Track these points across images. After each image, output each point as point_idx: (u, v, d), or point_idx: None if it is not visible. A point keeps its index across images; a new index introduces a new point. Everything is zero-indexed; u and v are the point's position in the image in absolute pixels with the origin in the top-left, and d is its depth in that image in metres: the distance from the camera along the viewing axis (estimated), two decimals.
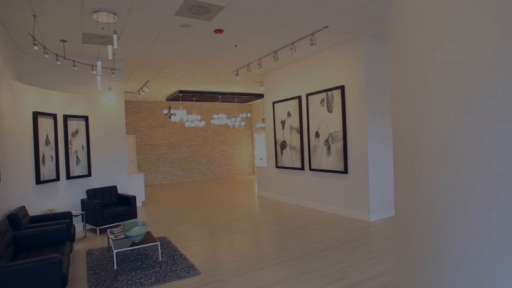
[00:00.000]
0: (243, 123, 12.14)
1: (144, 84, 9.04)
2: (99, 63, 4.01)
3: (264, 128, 12.61)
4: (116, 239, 3.91)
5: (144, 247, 4.17)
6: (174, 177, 12.76)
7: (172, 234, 5.31)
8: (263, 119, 12.81)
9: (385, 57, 5.90)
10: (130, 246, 3.64)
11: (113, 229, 4.40)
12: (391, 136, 6.18)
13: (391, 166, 5.95)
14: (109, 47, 3.91)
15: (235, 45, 5.86)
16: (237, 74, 7.81)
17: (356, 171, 5.81)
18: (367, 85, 5.61)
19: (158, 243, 3.81)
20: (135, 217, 5.87)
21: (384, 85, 5.87)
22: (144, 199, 8.15)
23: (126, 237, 3.76)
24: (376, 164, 5.70)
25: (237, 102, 13.64)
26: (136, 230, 3.68)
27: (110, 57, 3.92)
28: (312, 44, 5.34)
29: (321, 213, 6.30)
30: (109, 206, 5.83)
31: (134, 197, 5.88)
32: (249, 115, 13.32)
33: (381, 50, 5.84)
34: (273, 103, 8.02)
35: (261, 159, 14.11)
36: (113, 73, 5.81)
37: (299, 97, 7.11)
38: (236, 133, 14.32)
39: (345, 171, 5.97)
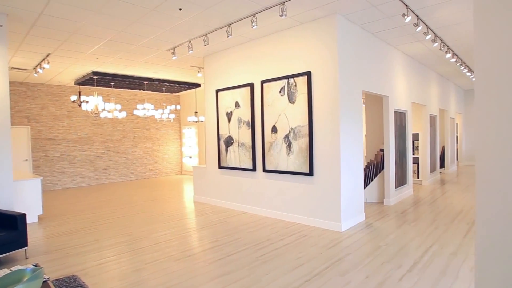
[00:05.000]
0: (172, 115, 10.47)
1: (44, 58, 6.79)
2: None
3: (196, 122, 11.16)
4: None
5: None
6: (85, 179, 10.40)
7: (86, 268, 3.66)
8: (196, 112, 11.34)
9: (361, 43, 5.18)
10: None
11: None
12: (362, 131, 5.22)
13: (360, 166, 5.27)
14: None
15: (180, 9, 4.43)
16: (173, 53, 6.29)
17: (324, 172, 4.95)
18: (341, 72, 4.78)
19: None
20: (25, 245, 3.98)
21: (358, 75, 5.16)
22: (41, 213, 6.02)
23: None
24: (347, 164, 4.93)
25: (165, 91, 11.86)
26: None
27: None
28: (281, 16, 4.26)
29: (280, 223, 5.30)
30: None
31: (23, 216, 3.99)
32: (178, 107, 11.69)
33: (355, 35, 5.09)
34: (217, 91, 6.72)
35: (190, 157, 12.63)
36: None
37: (251, 85, 5.98)
38: (162, 127, 12.51)
39: (310, 172, 5.07)
